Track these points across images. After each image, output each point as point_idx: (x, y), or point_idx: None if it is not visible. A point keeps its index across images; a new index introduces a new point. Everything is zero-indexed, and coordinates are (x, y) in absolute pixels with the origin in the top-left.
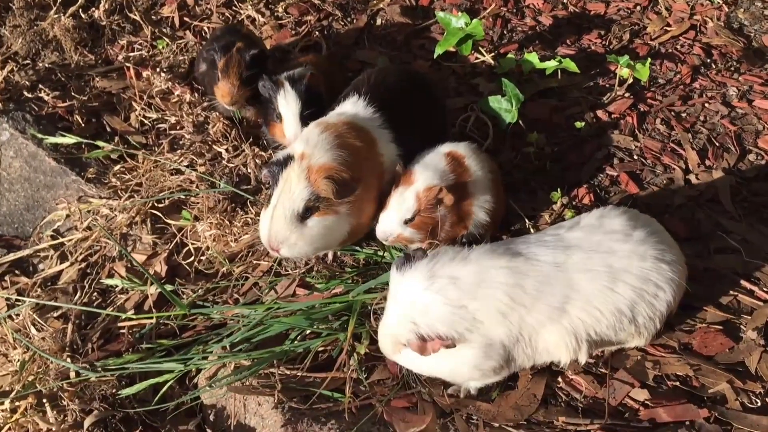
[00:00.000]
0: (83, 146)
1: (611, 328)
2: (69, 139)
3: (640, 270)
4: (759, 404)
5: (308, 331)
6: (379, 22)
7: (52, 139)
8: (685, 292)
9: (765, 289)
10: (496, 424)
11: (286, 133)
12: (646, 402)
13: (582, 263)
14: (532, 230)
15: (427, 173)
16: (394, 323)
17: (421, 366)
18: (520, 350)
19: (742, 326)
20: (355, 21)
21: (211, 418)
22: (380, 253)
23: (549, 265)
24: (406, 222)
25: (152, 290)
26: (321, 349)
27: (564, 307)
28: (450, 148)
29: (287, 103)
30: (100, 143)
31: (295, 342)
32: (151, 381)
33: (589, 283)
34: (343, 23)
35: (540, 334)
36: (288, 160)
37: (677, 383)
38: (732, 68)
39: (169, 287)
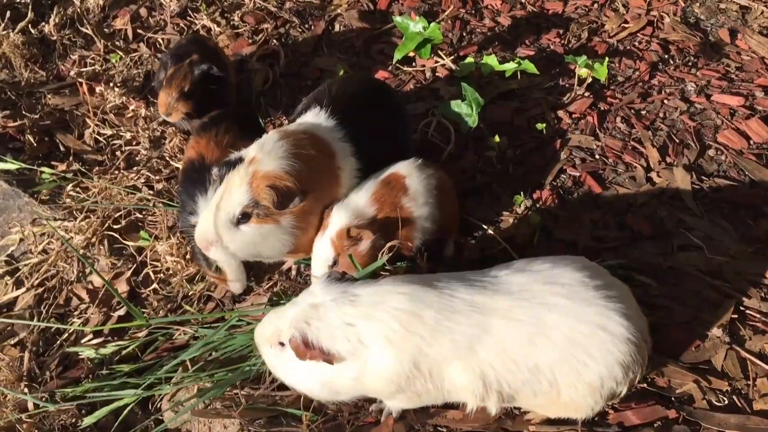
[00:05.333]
0: (36, 166)
1: (528, 384)
2: (12, 165)
3: (572, 331)
4: (726, 402)
5: None
6: (337, 28)
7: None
8: (648, 291)
9: (728, 285)
10: (467, 430)
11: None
12: (614, 405)
13: (506, 311)
14: (494, 235)
15: (339, 214)
16: (290, 315)
17: (293, 376)
18: (420, 384)
19: (707, 324)
20: (312, 28)
21: None
22: None
23: (462, 302)
24: (332, 266)
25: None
26: None
27: (473, 346)
28: (393, 171)
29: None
30: (46, 170)
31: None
32: (113, 406)
33: (508, 331)
34: (300, 30)
35: (444, 371)
36: (238, 162)
37: (645, 385)
38: (690, 63)
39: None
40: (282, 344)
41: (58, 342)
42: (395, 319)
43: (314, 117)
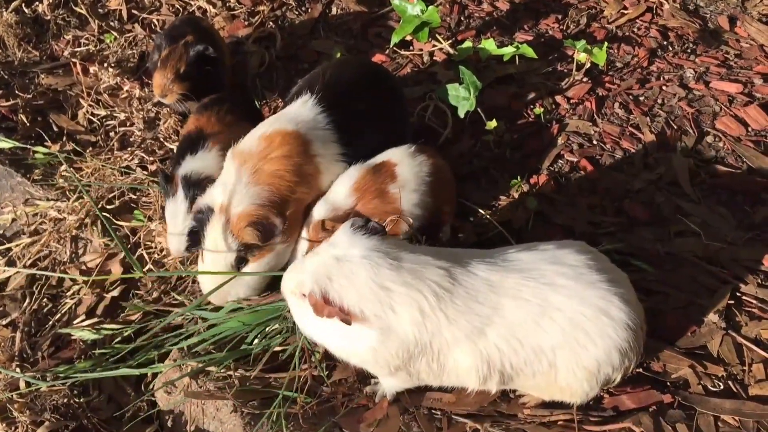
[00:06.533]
0: (29, 147)
1: (529, 365)
2: (5, 144)
3: (575, 314)
4: (722, 387)
5: (267, 329)
6: (334, 10)
7: None
8: (645, 276)
9: (725, 271)
10: (462, 413)
11: (170, 247)
12: (609, 389)
13: (515, 289)
14: (490, 218)
15: (318, 208)
16: (311, 268)
17: (313, 327)
18: (424, 362)
19: (703, 309)
20: (309, 10)
21: (169, 424)
22: None
23: (482, 282)
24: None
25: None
26: (280, 348)
27: (484, 327)
28: (385, 158)
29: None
30: (40, 149)
31: (254, 342)
32: (108, 373)
33: (516, 310)
34: (297, 12)
35: (452, 352)
36: (209, 212)
37: (640, 369)
38: (688, 50)
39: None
40: (304, 295)
41: (51, 322)
42: (432, 293)
43: (301, 105)
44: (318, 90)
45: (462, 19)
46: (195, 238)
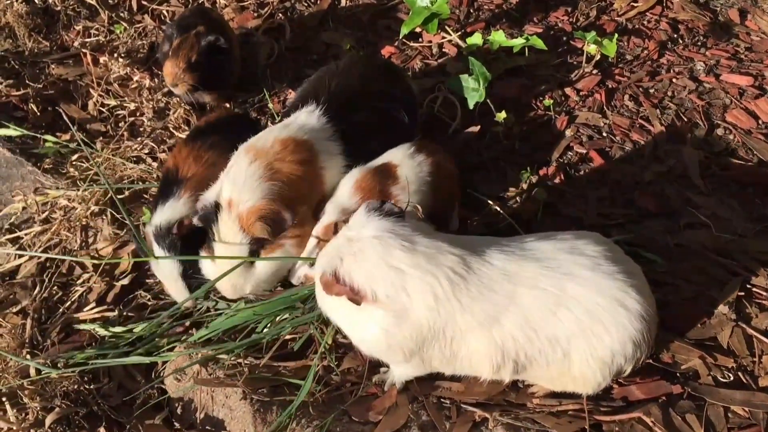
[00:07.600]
0: (39, 135)
1: (543, 354)
2: (14, 132)
3: (592, 304)
4: (732, 378)
5: (277, 319)
6: (343, 2)
7: (1, 131)
8: (655, 268)
9: (735, 263)
10: (471, 402)
11: (173, 296)
12: (619, 380)
13: (532, 279)
14: (500, 210)
15: (326, 211)
16: (328, 249)
17: (330, 305)
18: (437, 348)
19: (713, 301)
20: (319, 2)
21: (179, 411)
22: None
23: (497, 271)
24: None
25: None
26: (290, 337)
27: (499, 316)
28: (386, 160)
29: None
30: (49, 138)
31: (264, 331)
32: (118, 361)
33: (533, 300)
34: (306, 4)
35: (465, 339)
36: (217, 208)
37: (650, 360)
38: (699, 43)
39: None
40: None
41: (61, 310)
42: (447, 279)
43: (307, 115)
44: (323, 101)
45: (471, 11)
46: (189, 280)
